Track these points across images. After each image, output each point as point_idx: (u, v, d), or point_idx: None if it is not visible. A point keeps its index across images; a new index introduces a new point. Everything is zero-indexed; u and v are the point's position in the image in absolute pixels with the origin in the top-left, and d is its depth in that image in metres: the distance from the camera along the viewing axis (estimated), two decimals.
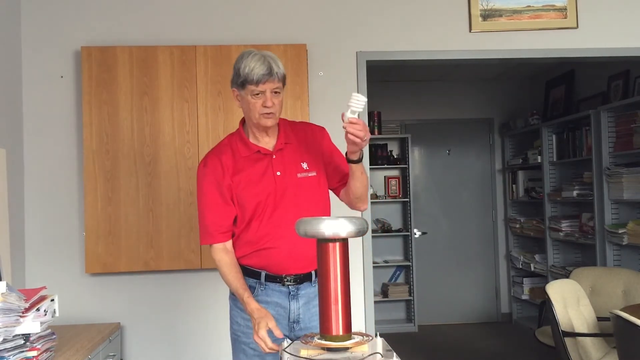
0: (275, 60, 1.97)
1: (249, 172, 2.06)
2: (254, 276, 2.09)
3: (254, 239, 2.05)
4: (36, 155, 3.23)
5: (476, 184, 6.39)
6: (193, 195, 3.18)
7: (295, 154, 2.10)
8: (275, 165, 2.07)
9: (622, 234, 4.22)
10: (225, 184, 2.06)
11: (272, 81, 1.95)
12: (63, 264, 3.22)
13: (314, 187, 2.09)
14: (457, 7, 3.45)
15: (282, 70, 1.99)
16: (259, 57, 1.95)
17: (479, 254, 6.35)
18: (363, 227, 1.47)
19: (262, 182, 2.05)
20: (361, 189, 2.05)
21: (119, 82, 3.16)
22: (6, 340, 2.05)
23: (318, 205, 2.09)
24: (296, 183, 2.06)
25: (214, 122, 3.20)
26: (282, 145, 2.09)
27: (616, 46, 3.51)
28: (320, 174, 2.12)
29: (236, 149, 2.09)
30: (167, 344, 3.27)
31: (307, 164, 2.09)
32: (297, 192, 2.05)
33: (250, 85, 1.96)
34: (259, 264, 2.08)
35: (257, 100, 1.98)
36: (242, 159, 2.08)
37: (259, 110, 1.99)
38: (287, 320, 2.07)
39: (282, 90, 2.02)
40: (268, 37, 3.32)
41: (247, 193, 2.05)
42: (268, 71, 1.94)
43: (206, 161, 2.11)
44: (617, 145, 4.40)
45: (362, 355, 1.42)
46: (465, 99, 6.30)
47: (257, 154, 2.08)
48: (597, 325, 3.33)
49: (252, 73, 1.94)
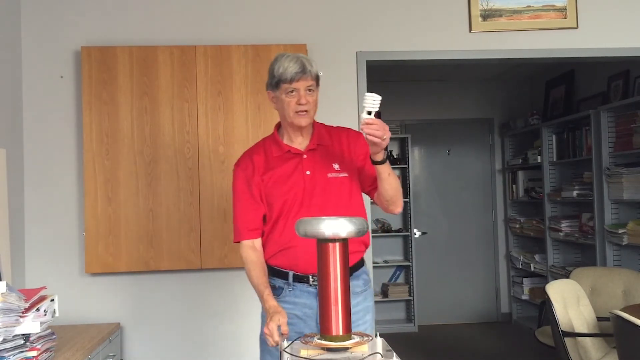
0: (308, 60, 2.03)
1: (278, 171, 2.09)
2: (283, 277, 2.11)
3: (281, 238, 2.07)
4: (36, 155, 3.23)
5: (476, 184, 6.39)
6: (193, 195, 3.18)
7: (328, 155, 2.11)
8: (305, 165, 2.09)
9: (622, 234, 4.22)
10: (254, 182, 2.10)
11: (305, 79, 2.00)
12: (63, 264, 3.22)
13: (345, 188, 2.09)
14: (457, 7, 3.45)
15: (316, 70, 2.03)
16: (292, 57, 2.01)
17: (479, 254, 6.35)
18: (363, 227, 1.47)
19: (290, 180, 2.07)
20: (390, 191, 2.05)
21: (119, 82, 3.16)
22: (6, 340, 2.05)
23: (349, 206, 2.08)
24: (326, 183, 2.07)
25: (214, 122, 3.20)
26: (315, 146, 2.11)
27: (616, 46, 3.51)
28: (352, 176, 2.12)
29: (269, 149, 2.14)
30: (167, 344, 3.27)
31: (339, 165, 2.10)
32: (326, 192, 2.06)
33: (284, 84, 2.00)
34: (286, 264, 2.09)
35: (291, 98, 2.01)
36: (274, 158, 2.12)
37: (294, 109, 2.02)
38: (314, 321, 2.07)
39: (315, 89, 2.05)
40: (268, 37, 3.32)
41: (276, 191, 2.07)
42: (301, 69, 1.98)
43: (239, 161, 2.17)
44: (617, 145, 4.40)
45: (362, 355, 1.42)
46: (465, 99, 6.29)
47: (287, 154, 2.11)
48: (597, 325, 3.33)
49: (286, 72, 1.98)
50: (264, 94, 3.20)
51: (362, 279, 2.16)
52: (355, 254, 2.11)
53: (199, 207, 3.18)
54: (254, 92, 3.22)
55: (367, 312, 2.16)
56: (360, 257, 2.16)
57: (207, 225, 3.18)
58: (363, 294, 2.15)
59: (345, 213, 2.00)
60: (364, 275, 2.18)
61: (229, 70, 3.21)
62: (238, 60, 3.21)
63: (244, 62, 3.22)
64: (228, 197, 3.19)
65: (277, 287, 2.11)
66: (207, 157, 3.19)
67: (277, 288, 2.11)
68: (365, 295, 2.16)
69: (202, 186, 3.19)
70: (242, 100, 3.21)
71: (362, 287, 2.15)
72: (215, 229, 3.18)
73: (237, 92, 3.21)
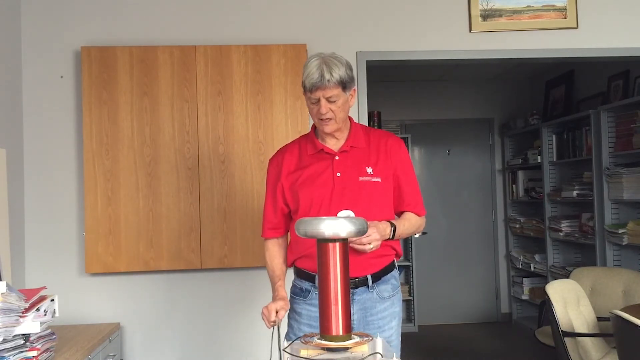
0: (330, 66, 1.93)
1: (309, 170, 2.08)
2: (310, 279, 2.08)
3: (306, 241, 2.02)
4: (36, 155, 3.23)
5: (476, 184, 6.39)
6: (193, 195, 3.18)
7: (362, 158, 2.08)
8: (336, 166, 2.06)
9: (622, 234, 4.22)
10: (280, 181, 2.10)
11: (323, 89, 1.94)
12: (63, 264, 3.22)
13: (377, 192, 2.05)
14: (457, 7, 3.45)
15: (338, 75, 1.94)
16: (317, 64, 1.94)
17: (479, 254, 6.35)
18: (363, 227, 1.47)
19: (319, 180, 2.04)
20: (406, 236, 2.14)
21: (119, 82, 3.16)
22: (6, 340, 2.05)
23: (379, 212, 2.03)
24: (356, 186, 2.03)
25: (214, 122, 3.20)
26: (348, 148, 2.08)
27: (616, 46, 3.51)
28: (386, 182, 2.08)
29: (304, 146, 2.14)
30: (167, 344, 3.27)
31: (372, 169, 2.06)
32: (355, 195, 2.01)
33: (307, 93, 1.99)
34: (312, 267, 2.04)
35: (314, 107, 2.00)
36: (308, 156, 2.11)
37: (317, 116, 2.02)
38: None
39: (341, 95, 1.98)
40: (268, 37, 3.32)
41: (304, 190, 2.05)
42: (319, 79, 1.92)
43: (273, 157, 2.19)
44: (617, 145, 4.40)
45: (362, 355, 1.42)
46: (465, 99, 6.29)
47: (320, 153, 2.09)
48: (597, 326, 3.32)
49: (306, 80, 1.96)
50: (263, 94, 3.23)
51: (391, 284, 2.12)
52: (384, 258, 2.08)
53: (199, 207, 3.18)
54: (254, 92, 3.22)
55: (394, 318, 2.11)
56: (389, 262, 2.12)
57: (207, 225, 3.18)
58: (391, 299, 2.11)
59: (373, 218, 1.95)
60: (392, 280, 2.13)
61: (229, 70, 3.21)
62: (238, 60, 3.21)
63: (244, 62, 3.22)
64: (228, 197, 3.19)
65: (304, 290, 2.09)
66: (207, 157, 3.19)
67: (305, 290, 2.09)
68: (393, 301, 2.12)
69: (202, 186, 3.19)
70: (242, 100, 3.21)
71: (390, 292, 2.11)
72: (215, 229, 3.18)
73: (237, 92, 3.21)
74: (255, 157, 3.20)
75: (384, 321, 2.07)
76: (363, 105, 3.36)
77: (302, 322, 2.09)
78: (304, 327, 2.07)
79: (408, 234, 2.11)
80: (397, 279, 2.18)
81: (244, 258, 3.18)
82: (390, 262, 2.12)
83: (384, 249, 2.04)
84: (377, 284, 2.07)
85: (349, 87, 1.99)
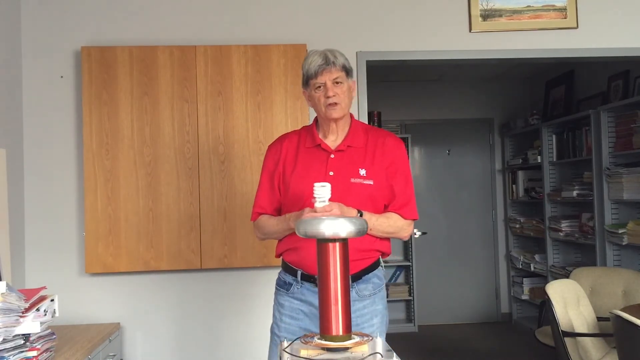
0: (334, 52, 2.04)
1: (303, 163, 2.09)
2: (292, 273, 2.11)
3: (291, 236, 2.06)
4: (36, 155, 3.23)
5: (476, 184, 6.39)
6: (193, 195, 3.18)
7: (357, 159, 2.07)
8: (330, 165, 2.06)
9: (622, 234, 4.22)
10: (278, 169, 2.11)
11: (329, 71, 2.00)
12: (63, 264, 3.22)
13: (366, 194, 2.04)
14: (457, 7, 3.45)
15: (342, 61, 2.03)
16: (318, 52, 2.04)
17: (479, 254, 6.35)
18: (363, 227, 1.47)
19: (310, 176, 2.04)
20: (381, 234, 2.07)
21: (119, 82, 3.16)
22: (6, 340, 2.05)
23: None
24: (347, 187, 2.02)
25: (214, 122, 3.20)
26: (345, 147, 2.08)
27: (616, 46, 3.51)
28: (378, 185, 2.06)
29: (303, 138, 2.15)
30: (167, 344, 3.27)
31: (366, 171, 2.05)
32: (345, 196, 1.99)
33: (311, 80, 2.02)
34: (296, 262, 2.09)
35: (320, 93, 2.03)
36: (305, 149, 2.12)
37: (324, 103, 2.02)
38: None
39: (345, 80, 2.04)
40: (268, 37, 3.32)
41: (294, 182, 2.07)
42: (324, 61, 2.00)
43: (272, 144, 2.20)
44: (617, 145, 4.40)
45: (362, 355, 1.42)
46: (465, 99, 6.29)
47: (317, 148, 2.10)
48: (597, 326, 3.33)
49: (310, 67, 2.01)
50: (263, 94, 3.23)
51: (372, 283, 2.12)
52: (365, 260, 2.09)
53: (199, 207, 3.18)
54: (253, 92, 3.22)
55: (375, 316, 2.11)
56: (370, 263, 2.12)
57: (207, 225, 3.18)
58: (371, 297, 2.11)
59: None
60: (374, 278, 2.13)
61: (229, 70, 3.21)
62: (238, 60, 3.21)
63: (244, 62, 3.22)
64: (228, 197, 3.19)
65: (287, 283, 2.12)
66: (207, 157, 3.19)
67: (287, 283, 2.12)
68: (374, 299, 2.12)
69: (202, 186, 3.19)
70: (242, 100, 3.21)
71: (371, 290, 2.11)
72: (215, 229, 3.18)
73: (237, 92, 3.21)
74: (255, 157, 3.20)
75: (362, 319, 2.07)
76: (363, 105, 3.35)
77: (284, 313, 2.13)
78: (285, 317, 2.12)
79: (385, 232, 2.07)
80: (381, 278, 2.17)
81: (244, 258, 3.18)
82: (372, 263, 2.13)
83: (367, 252, 2.07)
84: (357, 283, 2.08)
85: (350, 74, 2.07)
